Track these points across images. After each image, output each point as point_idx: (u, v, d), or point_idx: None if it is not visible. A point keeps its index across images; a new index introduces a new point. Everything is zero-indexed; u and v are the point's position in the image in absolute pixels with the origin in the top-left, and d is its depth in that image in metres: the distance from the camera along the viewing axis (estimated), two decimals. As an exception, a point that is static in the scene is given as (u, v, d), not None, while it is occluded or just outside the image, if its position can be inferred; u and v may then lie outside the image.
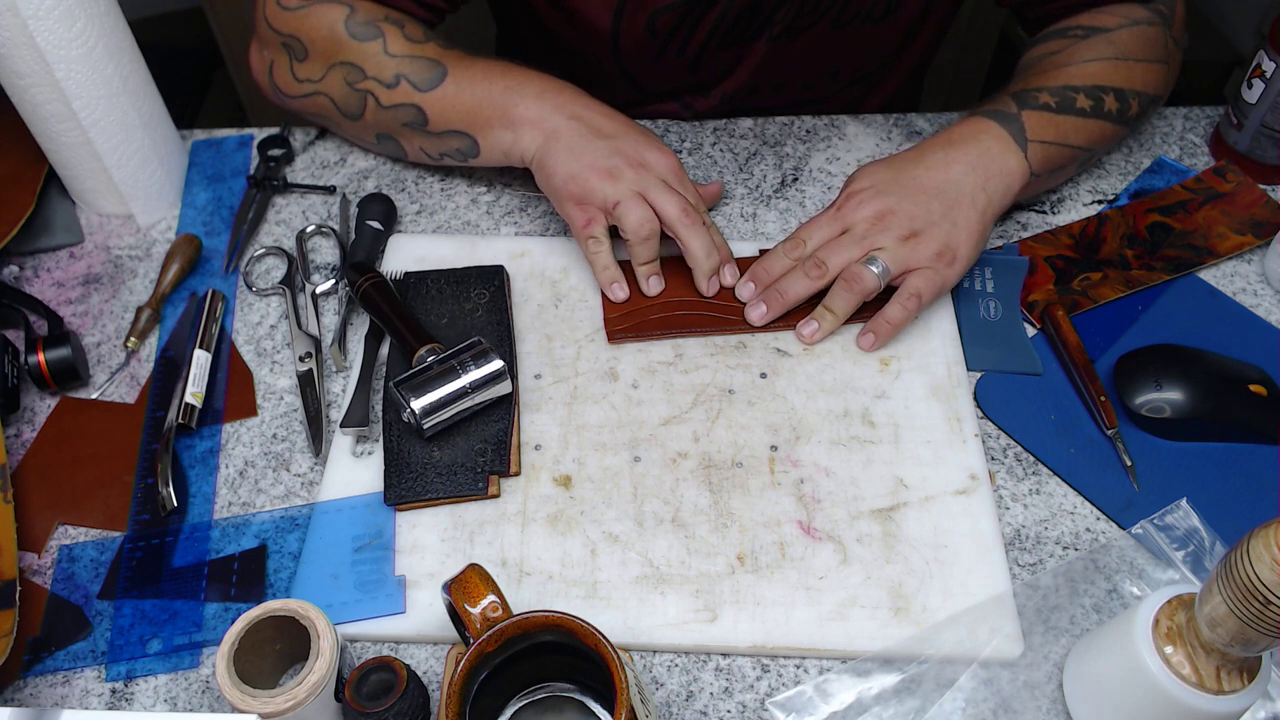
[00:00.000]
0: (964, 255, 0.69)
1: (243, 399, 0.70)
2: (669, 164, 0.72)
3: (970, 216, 0.69)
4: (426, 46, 0.76)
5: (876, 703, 0.56)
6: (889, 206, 0.69)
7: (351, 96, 0.77)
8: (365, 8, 0.77)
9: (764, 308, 0.70)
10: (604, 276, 0.72)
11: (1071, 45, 0.77)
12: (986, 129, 0.72)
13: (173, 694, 0.58)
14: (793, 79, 0.89)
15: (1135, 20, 0.77)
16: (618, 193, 0.70)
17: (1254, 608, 0.43)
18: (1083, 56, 0.75)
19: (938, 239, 0.68)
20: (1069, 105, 0.73)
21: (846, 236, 0.70)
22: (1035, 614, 0.59)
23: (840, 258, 0.69)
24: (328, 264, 0.78)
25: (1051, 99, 0.73)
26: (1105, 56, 0.75)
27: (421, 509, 0.63)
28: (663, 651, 0.59)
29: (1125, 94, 0.75)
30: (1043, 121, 0.72)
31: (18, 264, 0.79)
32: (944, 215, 0.69)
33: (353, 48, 0.76)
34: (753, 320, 0.71)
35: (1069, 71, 0.75)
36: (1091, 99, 0.74)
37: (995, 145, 0.71)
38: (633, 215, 0.69)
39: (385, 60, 0.75)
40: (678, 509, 0.63)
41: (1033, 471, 0.65)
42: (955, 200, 0.69)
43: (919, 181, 0.70)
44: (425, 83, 0.75)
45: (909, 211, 0.69)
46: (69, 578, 0.62)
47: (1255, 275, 0.75)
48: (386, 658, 0.53)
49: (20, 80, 0.70)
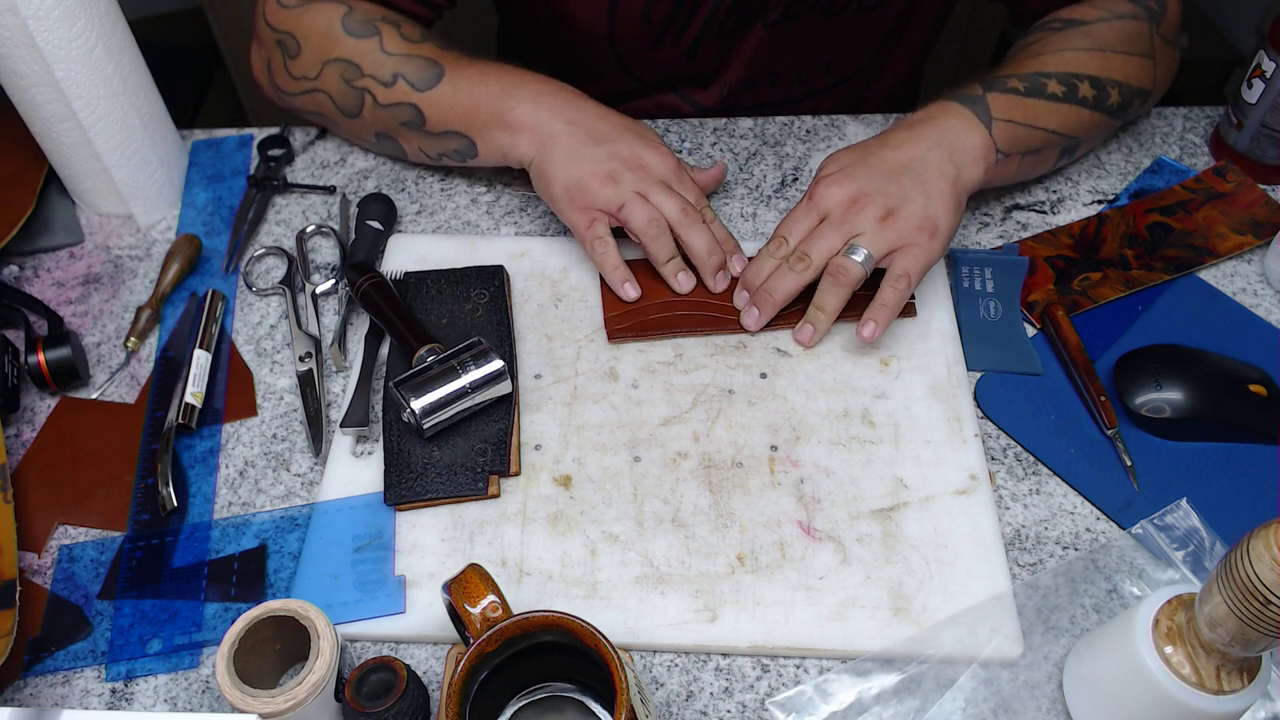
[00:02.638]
0: (944, 225, 0.68)
1: (243, 399, 0.70)
2: (667, 163, 0.72)
3: (942, 188, 0.69)
4: (423, 46, 0.76)
5: (876, 703, 0.56)
6: (860, 189, 0.68)
7: (349, 94, 0.77)
8: (362, 7, 0.77)
9: (756, 312, 0.70)
10: (615, 276, 0.72)
11: (1047, 37, 0.77)
12: (948, 109, 0.72)
13: (173, 694, 0.58)
14: (787, 71, 0.90)
15: (1118, 14, 0.77)
16: (619, 195, 0.70)
17: (1254, 608, 0.43)
18: (1056, 47, 0.76)
19: (915, 213, 0.68)
20: (1039, 90, 0.73)
21: (825, 225, 0.69)
22: (1035, 614, 0.59)
23: (822, 247, 0.68)
24: (328, 264, 0.78)
25: (1020, 84, 0.73)
26: (1080, 47, 0.75)
27: (421, 509, 0.64)
28: (663, 651, 0.59)
29: (1102, 82, 0.75)
30: (1009, 103, 0.72)
31: (18, 264, 0.79)
32: (915, 189, 0.68)
33: (348, 45, 0.76)
34: (748, 326, 0.71)
35: (1042, 60, 0.75)
36: (1064, 85, 0.73)
37: (957, 123, 0.71)
38: (639, 214, 0.69)
39: (382, 58, 0.76)
40: (678, 509, 0.63)
41: (1033, 471, 0.65)
42: (923, 174, 0.69)
43: (885, 161, 0.70)
44: (422, 82, 0.75)
45: (881, 190, 0.68)
46: (69, 578, 0.62)
47: (1255, 275, 0.75)
48: (386, 658, 0.53)
49: (20, 80, 0.70)
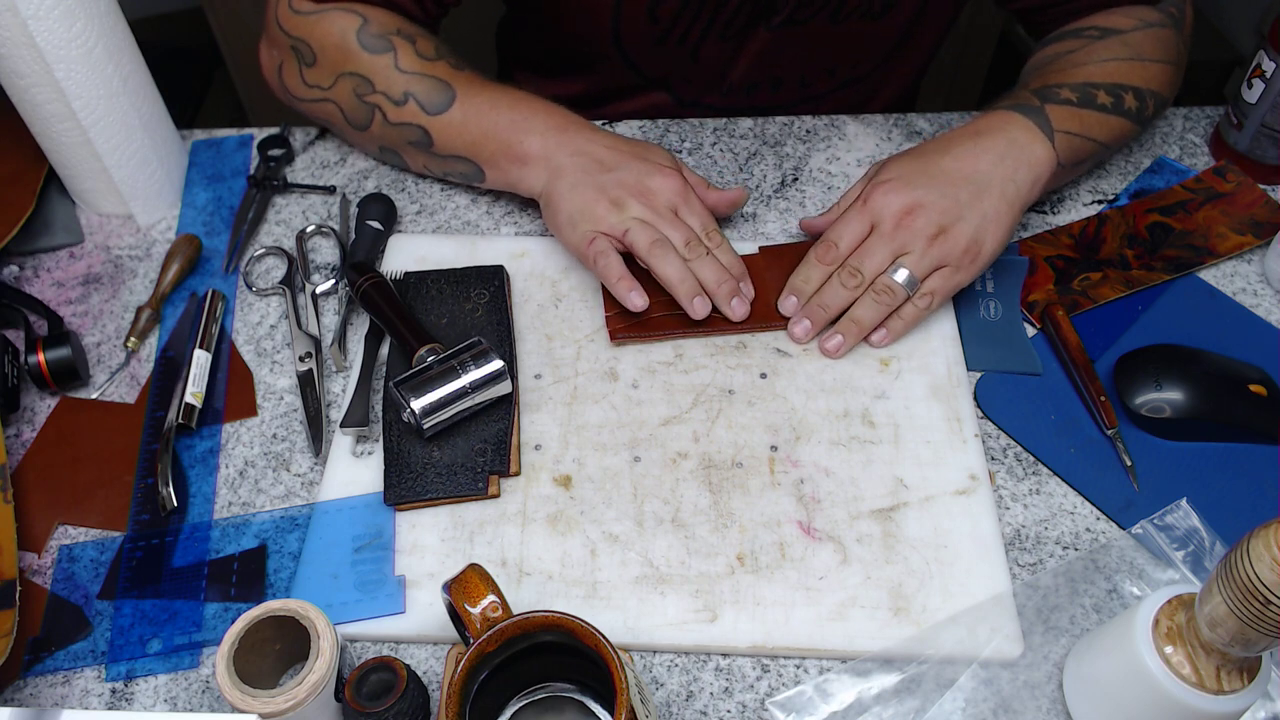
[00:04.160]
0: (988, 250, 0.68)
1: (243, 399, 0.70)
2: (673, 186, 0.71)
3: (1000, 207, 0.68)
4: (437, 65, 0.76)
5: (876, 703, 0.56)
6: (916, 200, 0.68)
7: (360, 108, 0.77)
8: (378, 20, 0.77)
9: (808, 323, 0.70)
10: (620, 288, 0.69)
11: (1088, 45, 0.77)
12: (1012, 120, 0.71)
13: (173, 694, 0.58)
14: (791, 75, 0.89)
15: (1149, 23, 0.77)
16: (623, 221, 0.69)
17: (1254, 608, 0.43)
18: (1100, 56, 0.75)
19: (965, 234, 0.67)
20: (1090, 100, 0.73)
21: (876, 237, 0.69)
22: (1035, 614, 0.59)
23: (873, 263, 0.68)
24: (328, 264, 0.78)
25: (1073, 94, 0.73)
26: (1122, 57, 0.75)
27: (421, 509, 0.63)
28: (663, 651, 0.59)
29: (1144, 93, 0.75)
30: (1066, 114, 0.72)
31: (18, 264, 0.79)
32: (971, 205, 0.68)
33: (363, 60, 0.76)
34: (797, 337, 0.70)
35: (1088, 70, 0.75)
36: (1112, 95, 0.74)
37: (1022, 135, 0.70)
38: (642, 237, 0.69)
39: (395, 76, 0.75)
40: (678, 509, 0.63)
41: (1033, 471, 0.65)
42: (984, 189, 0.68)
43: (946, 171, 0.69)
44: (433, 105, 0.75)
45: (937, 205, 0.67)
46: (69, 578, 0.62)
47: (1255, 275, 0.75)
48: (386, 658, 0.53)
49: (20, 80, 0.70)
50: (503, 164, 0.74)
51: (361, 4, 0.78)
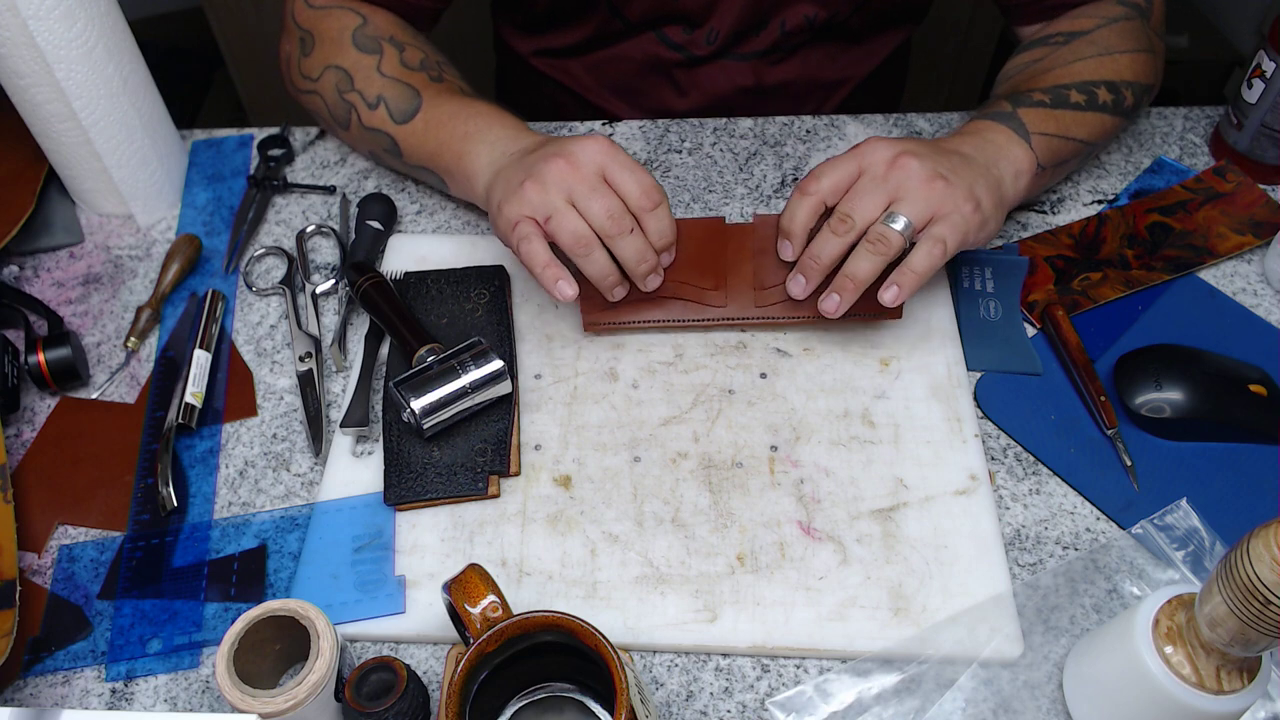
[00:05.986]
0: (989, 213, 0.66)
1: (243, 399, 0.70)
2: (598, 146, 0.66)
3: (988, 182, 0.67)
4: (415, 75, 0.76)
5: (876, 703, 0.56)
6: (908, 149, 0.65)
7: (340, 104, 0.78)
8: (377, 22, 0.78)
9: (803, 279, 0.67)
10: (547, 276, 0.65)
11: (1053, 51, 0.77)
12: (988, 126, 0.72)
13: (173, 694, 0.58)
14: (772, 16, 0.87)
15: (1112, 18, 0.78)
16: (546, 204, 0.65)
17: (1254, 608, 0.43)
18: (1066, 59, 0.76)
19: (964, 183, 0.65)
20: (1063, 101, 0.73)
21: (867, 179, 0.65)
22: (1035, 614, 0.59)
23: (865, 207, 0.64)
24: (328, 264, 0.78)
25: (1045, 96, 0.73)
26: (1087, 55, 0.76)
27: (421, 509, 0.64)
28: (663, 651, 0.59)
29: (1117, 85, 0.75)
30: (1040, 116, 0.72)
31: (18, 264, 0.79)
32: (965, 168, 0.66)
33: (350, 56, 0.77)
34: (795, 294, 0.67)
35: (1056, 74, 0.75)
36: (1084, 94, 0.74)
37: (999, 137, 0.71)
38: (566, 228, 0.64)
39: (374, 78, 0.76)
40: (678, 509, 0.63)
41: (1033, 471, 0.65)
42: (970, 162, 0.67)
43: (936, 144, 0.68)
44: (400, 114, 0.75)
45: (930, 156, 0.65)
46: (69, 578, 0.62)
47: (1255, 275, 0.75)
48: (386, 658, 0.53)
49: (20, 80, 0.70)
50: (456, 174, 0.74)
51: (368, 5, 0.79)
